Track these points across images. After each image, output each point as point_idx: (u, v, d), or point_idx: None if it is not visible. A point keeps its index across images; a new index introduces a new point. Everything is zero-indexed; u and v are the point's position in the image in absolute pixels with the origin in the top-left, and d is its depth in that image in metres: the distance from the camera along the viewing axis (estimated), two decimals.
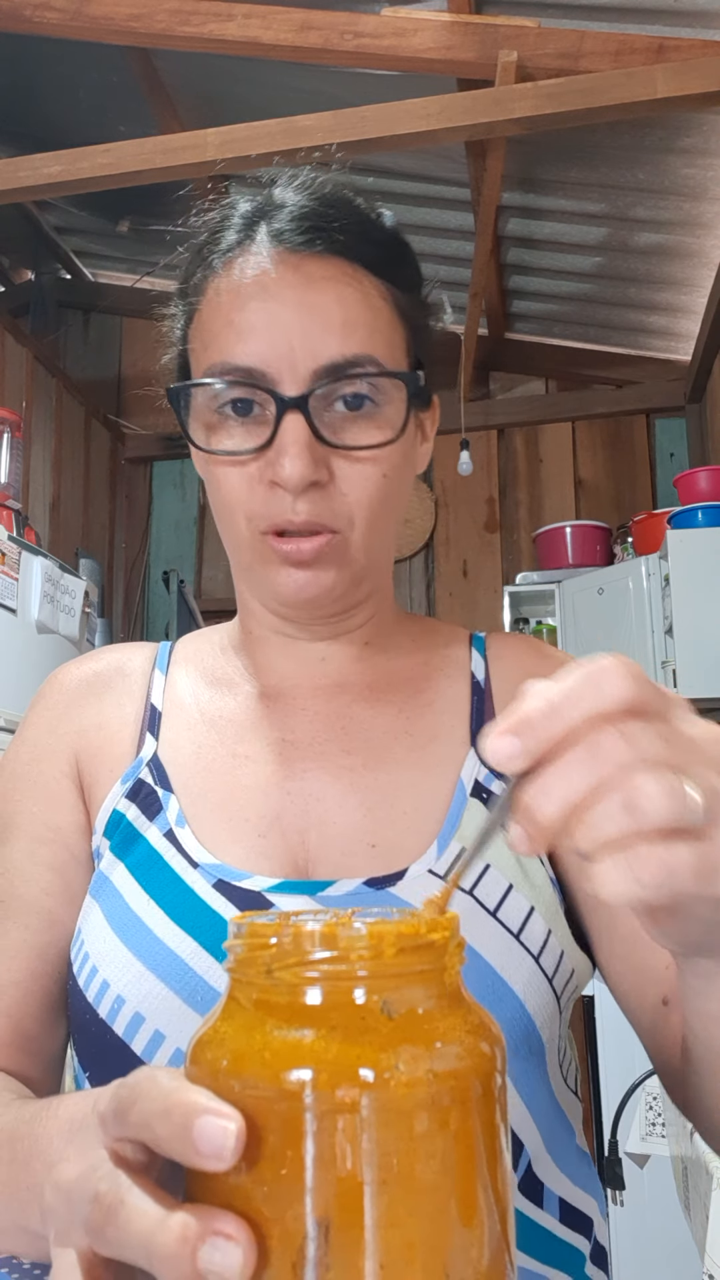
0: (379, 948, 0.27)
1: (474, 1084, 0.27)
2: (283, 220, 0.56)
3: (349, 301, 0.55)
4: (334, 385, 0.54)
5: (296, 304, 0.54)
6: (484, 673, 0.64)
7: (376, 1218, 0.25)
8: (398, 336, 0.57)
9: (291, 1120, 0.25)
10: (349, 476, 0.55)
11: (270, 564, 0.56)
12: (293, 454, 0.53)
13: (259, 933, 0.28)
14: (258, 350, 0.54)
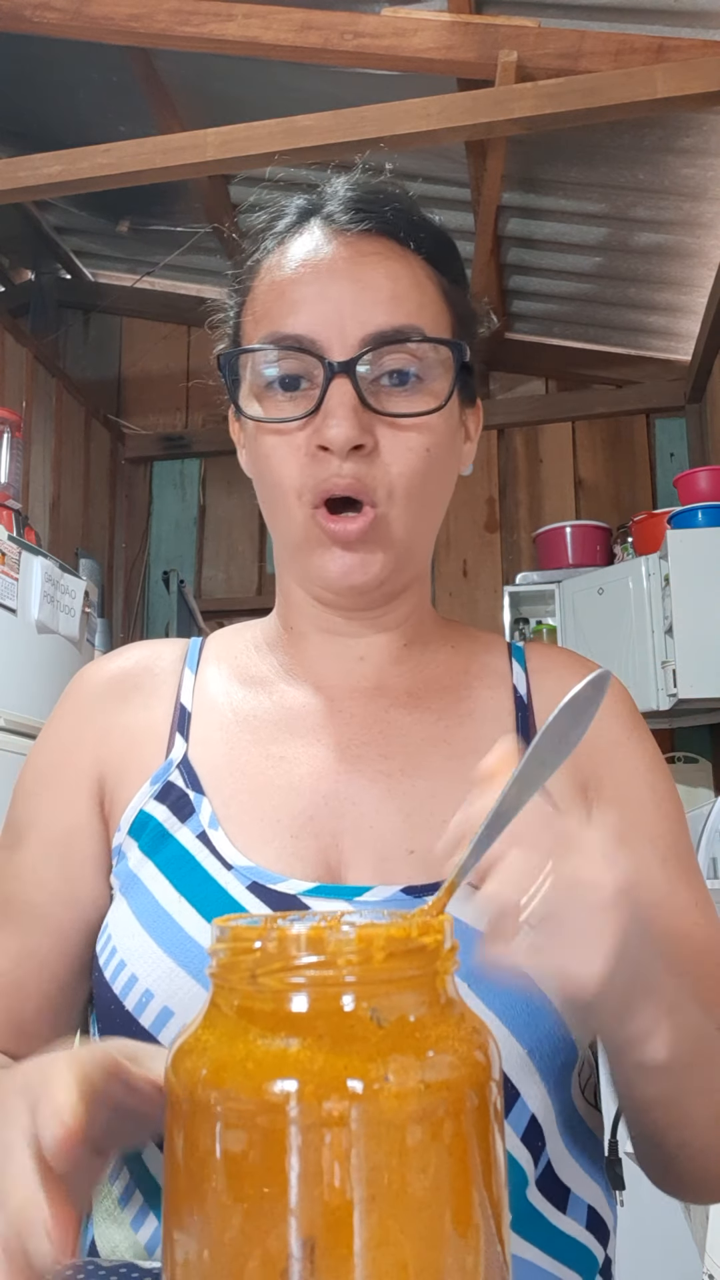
0: (368, 952, 0.26)
1: (468, 1094, 0.26)
2: (334, 205, 0.58)
3: (398, 276, 0.56)
4: (381, 352, 0.55)
5: (346, 276, 0.55)
6: (525, 685, 0.63)
7: (366, 1237, 0.24)
8: (444, 318, 0.58)
9: (275, 1134, 0.24)
10: (393, 446, 0.55)
11: (319, 545, 0.56)
12: (339, 415, 0.53)
13: (242, 936, 0.27)
14: (308, 320, 0.55)
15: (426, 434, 0.56)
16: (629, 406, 3.56)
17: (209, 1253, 0.25)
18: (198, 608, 3.55)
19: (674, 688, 2.64)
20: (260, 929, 0.27)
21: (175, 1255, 0.26)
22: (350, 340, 0.54)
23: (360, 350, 0.54)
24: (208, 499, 3.89)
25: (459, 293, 0.60)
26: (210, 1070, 0.26)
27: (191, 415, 3.88)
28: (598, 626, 2.95)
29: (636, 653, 2.81)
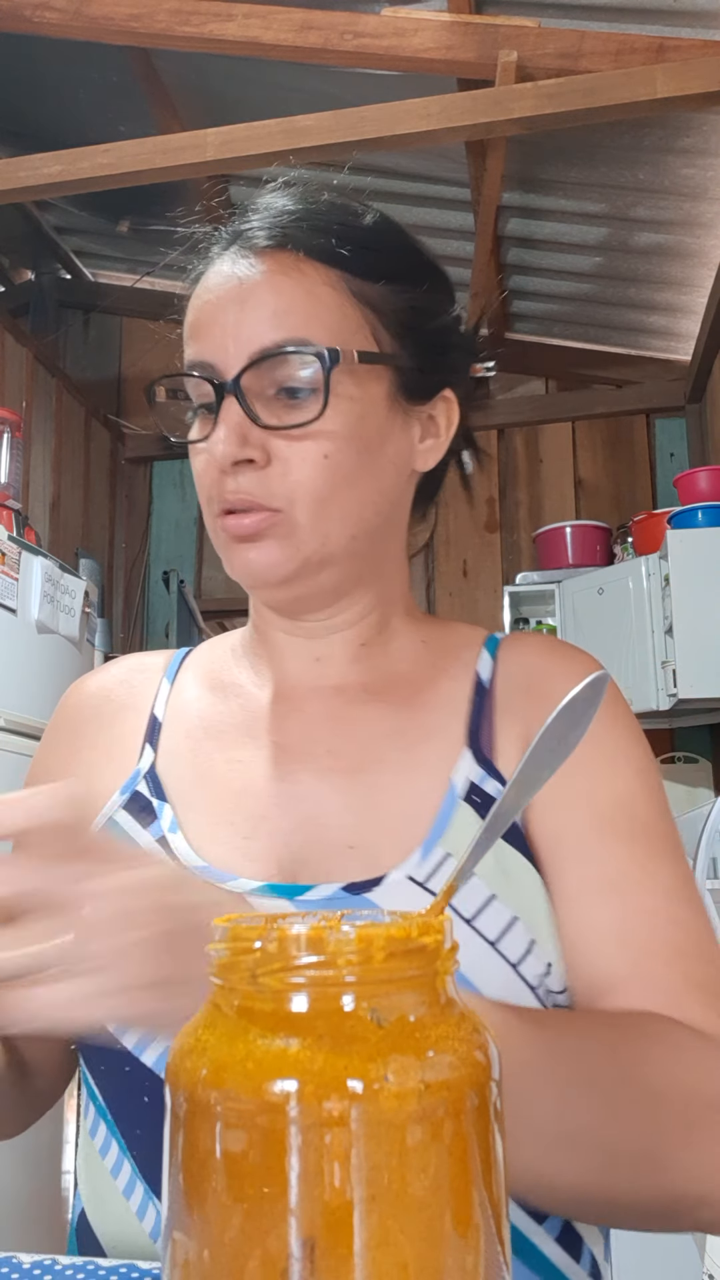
0: (368, 952, 0.26)
1: (468, 1094, 0.26)
2: (247, 224, 0.60)
3: (283, 290, 0.57)
4: (268, 367, 0.56)
5: (234, 298, 0.57)
6: (490, 672, 0.63)
7: (366, 1237, 0.24)
8: (349, 320, 0.58)
9: (275, 1134, 0.24)
10: (288, 458, 0.56)
11: (225, 544, 0.59)
12: (221, 434, 0.56)
13: (242, 936, 0.27)
14: (205, 345, 0.58)
15: (322, 441, 0.56)
16: (629, 406, 3.56)
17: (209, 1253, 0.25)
18: (198, 608, 3.55)
19: (674, 688, 2.65)
20: (260, 929, 0.27)
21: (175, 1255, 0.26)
22: (237, 360, 0.56)
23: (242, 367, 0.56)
24: None
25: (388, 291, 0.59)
26: (210, 1070, 0.26)
27: None
28: (598, 626, 2.95)
29: (636, 653, 2.81)
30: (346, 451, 0.57)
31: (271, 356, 0.56)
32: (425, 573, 3.69)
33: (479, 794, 0.57)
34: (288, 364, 0.56)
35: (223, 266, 0.59)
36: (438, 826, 0.56)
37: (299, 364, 0.56)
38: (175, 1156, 0.27)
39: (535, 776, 0.32)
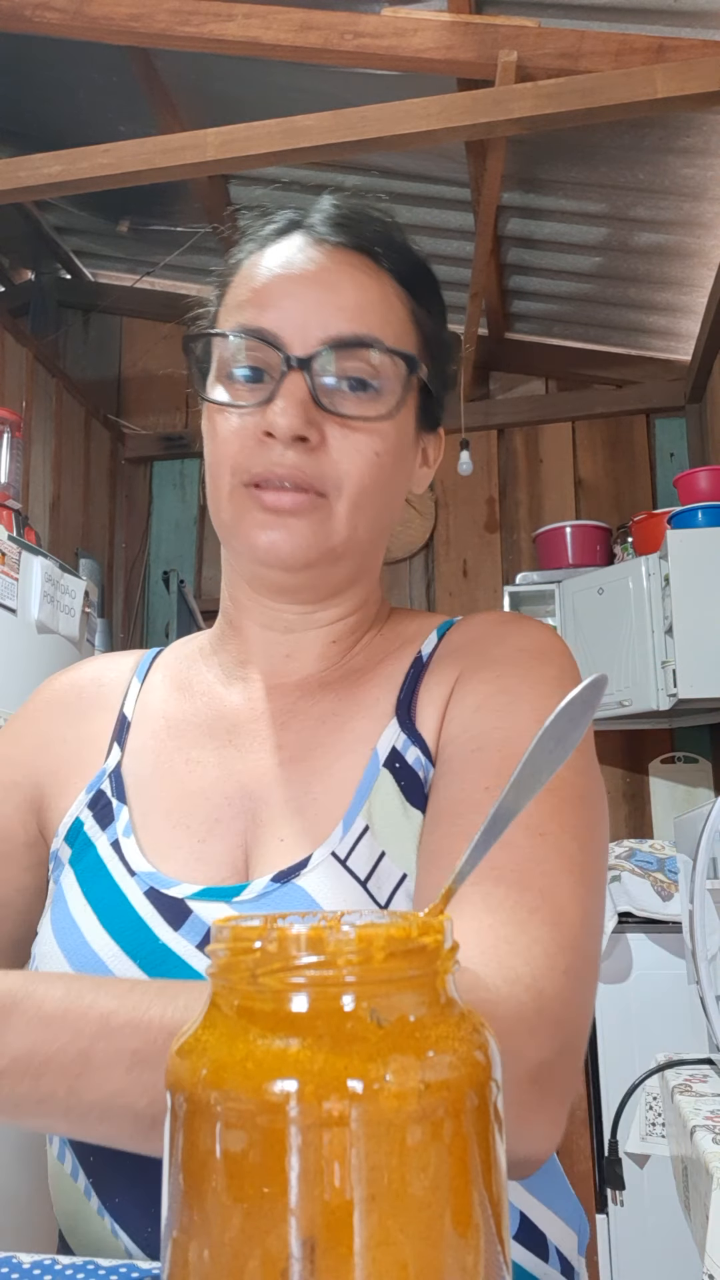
0: (368, 952, 0.26)
1: (468, 1094, 0.26)
2: (318, 218, 0.61)
3: (366, 288, 0.58)
4: (339, 355, 0.56)
5: (315, 280, 0.57)
6: (432, 648, 0.63)
7: (366, 1237, 0.24)
8: (408, 338, 0.60)
9: (275, 1134, 0.24)
10: (341, 445, 0.56)
11: (248, 514, 0.57)
12: (287, 405, 0.55)
13: (242, 936, 0.27)
14: (274, 316, 0.57)
15: (376, 439, 0.57)
16: (629, 406, 3.56)
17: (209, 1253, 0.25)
18: (198, 608, 3.55)
19: (674, 688, 2.65)
20: (260, 929, 0.27)
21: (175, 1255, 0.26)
22: (311, 340, 0.56)
23: (316, 349, 0.56)
24: (208, 499, 3.89)
25: (431, 321, 0.62)
26: (210, 1070, 0.26)
27: (191, 415, 3.88)
28: (598, 626, 2.95)
29: (636, 653, 2.81)
30: (391, 455, 0.59)
31: (351, 346, 0.56)
32: (425, 573, 3.69)
33: (399, 759, 0.57)
34: (362, 357, 0.56)
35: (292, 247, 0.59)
36: (359, 797, 0.56)
37: (376, 360, 0.57)
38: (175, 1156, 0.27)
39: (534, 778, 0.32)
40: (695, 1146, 1.04)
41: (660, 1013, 2.17)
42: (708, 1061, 1.37)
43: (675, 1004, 2.14)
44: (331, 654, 0.63)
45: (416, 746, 0.57)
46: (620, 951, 2.23)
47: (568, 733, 0.32)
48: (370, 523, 0.59)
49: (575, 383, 3.65)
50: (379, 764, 0.57)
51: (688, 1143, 1.10)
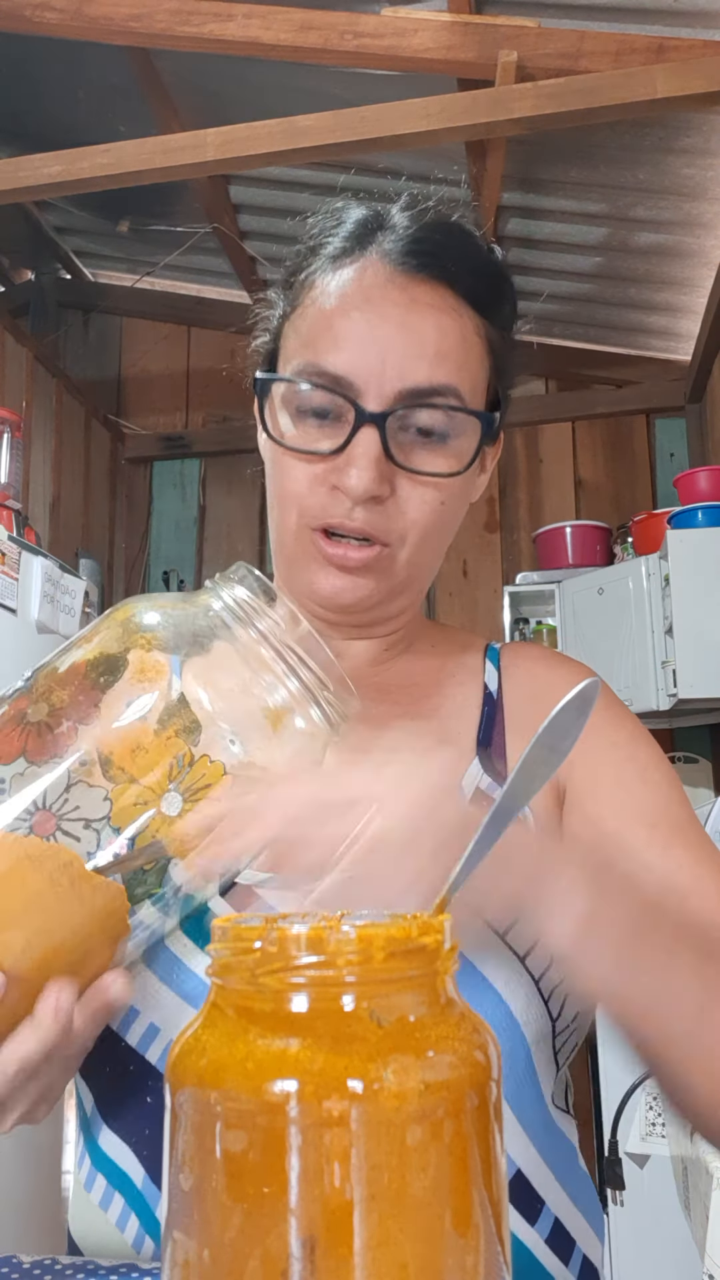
0: (368, 952, 0.26)
1: (468, 1094, 0.26)
2: (395, 240, 0.57)
3: (446, 331, 0.56)
4: (414, 409, 0.55)
5: (396, 323, 0.55)
6: (497, 683, 0.64)
7: (366, 1236, 0.24)
8: (483, 373, 0.59)
9: (275, 1134, 0.24)
10: (409, 497, 0.56)
11: (313, 561, 0.57)
12: (362, 465, 0.54)
13: (243, 936, 0.27)
14: (350, 360, 0.55)
15: (444, 490, 0.57)
16: (629, 406, 3.56)
17: (209, 1253, 0.25)
18: None
19: (674, 688, 2.65)
20: (260, 929, 0.27)
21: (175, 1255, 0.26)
22: (387, 390, 0.55)
23: (394, 405, 0.55)
24: (208, 499, 3.89)
25: (505, 341, 0.61)
26: (210, 1070, 0.26)
27: (191, 415, 3.88)
28: (598, 626, 2.95)
29: (636, 653, 2.81)
30: (455, 500, 0.59)
31: (427, 400, 0.55)
32: None
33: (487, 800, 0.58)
34: (435, 411, 0.55)
35: (368, 275, 0.56)
36: None
37: (446, 416, 0.55)
38: (175, 1156, 0.27)
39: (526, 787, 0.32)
40: (695, 1146, 1.04)
41: None
42: None
43: None
44: (384, 659, 0.64)
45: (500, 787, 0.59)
46: None
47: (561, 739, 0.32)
48: (430, 560, 0.60)
49: (575, 383, 3.65)
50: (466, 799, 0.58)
51: (688, 1143, 1.10)
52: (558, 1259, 0.53)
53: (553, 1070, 0.55)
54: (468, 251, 0.59)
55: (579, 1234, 0.54)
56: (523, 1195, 0.52)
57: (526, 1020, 0.52)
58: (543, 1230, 0.53)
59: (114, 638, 0.47)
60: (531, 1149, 0.53)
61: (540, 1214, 0.52)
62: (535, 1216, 0.52)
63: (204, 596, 0.49)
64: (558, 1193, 0.54)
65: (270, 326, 0.63)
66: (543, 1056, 0.54)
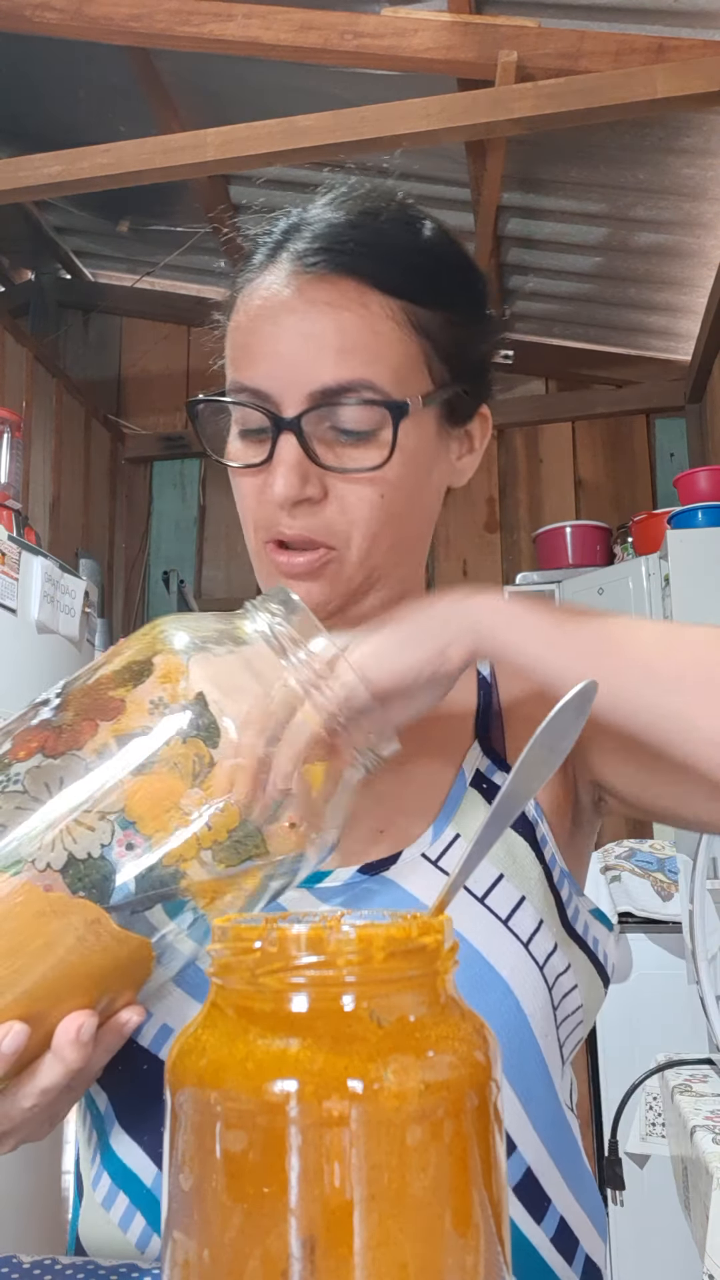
0: (368, 952, 0.26)
1: (468, 1094, 0.26)
2: (303, 240, 0.58)
3: (347, 328, 0.56)
4: (327, 409, 0.55)
5: (295, 329, 0.56)
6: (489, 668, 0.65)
7: (366, 1236, 0.24)
8: (410, 357, 0.57)
9: (275, 1134, 0.24)
10: (344, 496, 0.56)
11: (272, 574, 0.59)
12: (280, 472, 0.55)
13: (243, 936, 0.27)
14: (262, 373, 0.56)
15: (379, 484, 0.56)
16: (629, 406, 3.56)
17: (209, 1253, 0.25)
18: (198, 608, 3.55)
19: None
20: (260, 929, 0.27)
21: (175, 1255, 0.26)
22: (298, 395, 0.55)
23: (305, 407, 0.55)
24: (208, 499, 3.89)
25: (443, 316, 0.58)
26: (210, 1070, 0.26)
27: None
28: None
29: None
30: (400, 490, 0.58)
31: (334, 401, 0.55)
32: (425, 573, 3.69)
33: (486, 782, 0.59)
34: (350, 408, 0.55)
35: (275, 284, 0.57)
36: (448, 809, 0.58)
37: (362, 410, 0.55)
38: (175, 1156, 0.27)
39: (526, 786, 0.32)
40: (695, 1146, 1.04)
41: (660, 1013, 2.17)
42: (708, 1061, 1.37)
43: (675, 1004, 2.13)
44: None
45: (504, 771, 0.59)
46: (620, 951, 2.23)
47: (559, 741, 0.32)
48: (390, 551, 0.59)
49: (575, 383, 3.65)
50: (466, 782, 0.59)
51: (688, 1143, 1.10)
52: (562, 1258, 0.53)
53: (560, 1064, 0.55)
54: (379, 235, 0.58)
55: (583, 1233, 0.54)
56: (531, 1193, 0.52)
57: (533, 1011, 0.52)
58: (549, 1229, 0.53)
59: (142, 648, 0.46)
60: (540, 1146, 0.53)
61: (547, 1212, 0.53)
62: (542, 1215, 0.52)
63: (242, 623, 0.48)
64: (564, 1191, 0.54)
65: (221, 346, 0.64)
66: (551, 1050, 0.54)
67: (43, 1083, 0.42)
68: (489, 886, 0.54)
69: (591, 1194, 0.57)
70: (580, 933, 0.58)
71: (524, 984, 0.52)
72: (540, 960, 0.53)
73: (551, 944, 0.54)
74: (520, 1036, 0.52)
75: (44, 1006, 0.39)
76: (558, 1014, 0.55)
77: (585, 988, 0.57)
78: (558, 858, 0.58)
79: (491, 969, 0.51)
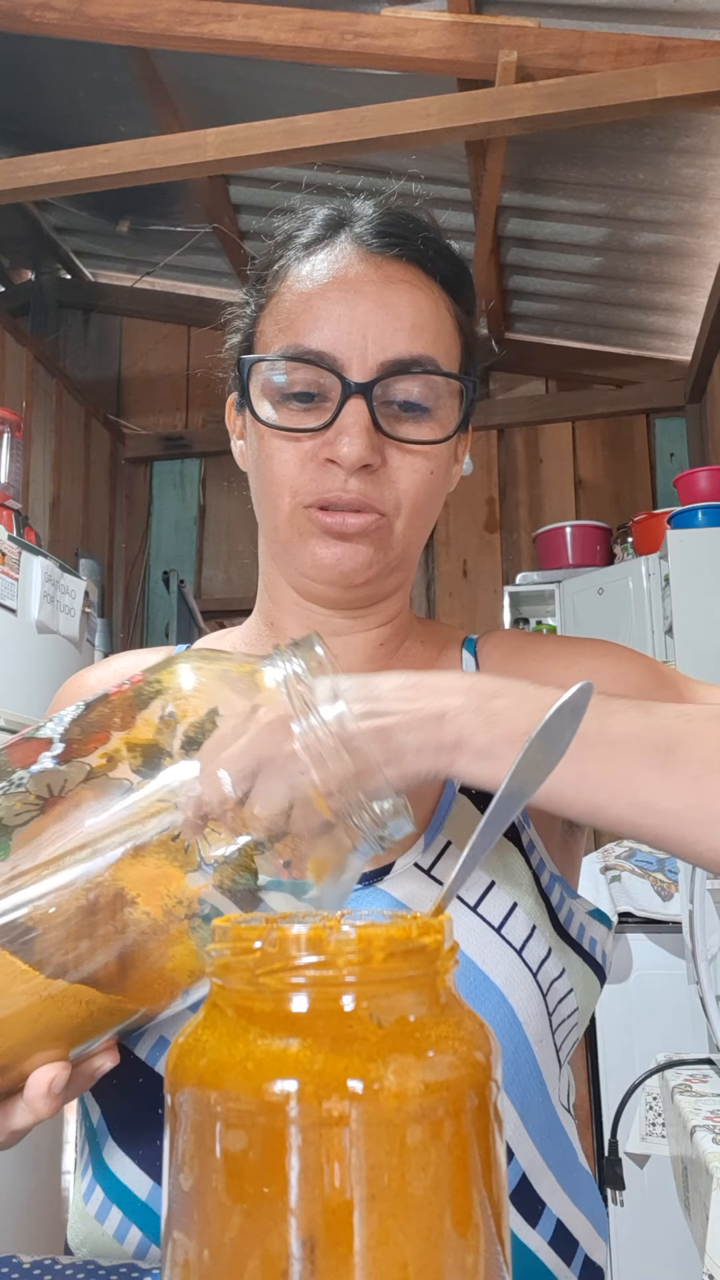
0: (368, 952, 0.26)
1: (468, 1094, 0.26)
2: (364, 225, 0.60)
3: (421, 305, 0.58)
4: (398, 379, 0.56)
5: (373, 299, 0.57)
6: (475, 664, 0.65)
7: (366, 1236, 0.24)
8: (456, 350, 0.61)
9: (275, 1134, 0.24)
10: (400, 466, 0.57)
11: (309, 536, 0.58)
12: (353, 434, 0.55)
13: (243, 936, 0.27)
14: (331, 336, 0.57)
15: (431, 459, 0.58)
16: (629, 406, 3.56)
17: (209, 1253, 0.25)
18: (198, 608, 3.55)
19: None
20: (260, 929, 0.27)
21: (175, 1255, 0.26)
22: (370, 363, 0.56)
23: (379, 374, 0.56)
24: (208, 499, 3.89)
25: (470, 323, 0.62)
26: (210, 1070, 0.26)
27: (191, 415, 3.88)
28: (598, 627, 2.95)
29: None
30: (441, 470, 0.60)
31: (410, 369, 0.56)
32: (425, 573, 3.69)
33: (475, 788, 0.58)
34: (417, 379, 0.57)
35: (342, 258, 0.58)
36: (438, 817, 0.58)
37: (429, 382, 0.57)
38: (175, 1156, 0.27)
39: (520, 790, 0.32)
40: (695, 1146, 1.04)
41: (660, 1013, 2.17)
42: (708, 1061, 1.37)
43: (675, 1004, 2.13)
44: (379, 656, 0.64)
45: None
46: (620, 951, 2.23)
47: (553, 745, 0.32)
48: (421, 534, 0.60)
49: (575, 383, 3.65)
50: (455, 789, 0.59)
51: (688, 1143, 1.10)
52: (561, 1260, 0.53)
53: (556, 1068, 0.55)
54: (431, 236, 0.61)
55: (582, 1235, 0.54)
56: (524, 1198, 0.52)
57: (528, 1018, 0.52)
58: (545, 1232, 0.53)
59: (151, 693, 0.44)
60: (534, 1151, 0.53)
61: (541, 1216, 0.52)
62: (536, 1219, 0.52)
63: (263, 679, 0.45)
64: (559, 1194, 0.54)
65: (243, 325, 0.64)
66: (546, 1055, 0.54)
67: (12, 1125, 0.42)
68: (481, 895, 0.54)
69: (590, 1195, 0.56)
70: (575, 936, 0.58)
71: (518, 992, 0.52)
72: (534, 967, 0.53)
73: (545, 950, 0.54)
74: (515, 1044, 0.52)
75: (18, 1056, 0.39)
76: (553, 1019, 0.55)
77: (581, 989, 0.57)
78: (546, 862, 0.58)
79: (486, 978, 0.51)
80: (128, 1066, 0.53)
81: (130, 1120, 0.53)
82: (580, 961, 0.57)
